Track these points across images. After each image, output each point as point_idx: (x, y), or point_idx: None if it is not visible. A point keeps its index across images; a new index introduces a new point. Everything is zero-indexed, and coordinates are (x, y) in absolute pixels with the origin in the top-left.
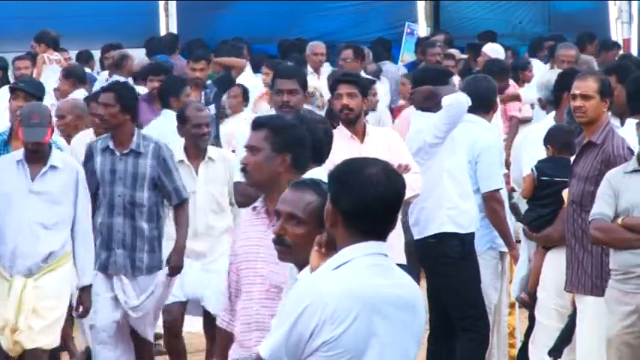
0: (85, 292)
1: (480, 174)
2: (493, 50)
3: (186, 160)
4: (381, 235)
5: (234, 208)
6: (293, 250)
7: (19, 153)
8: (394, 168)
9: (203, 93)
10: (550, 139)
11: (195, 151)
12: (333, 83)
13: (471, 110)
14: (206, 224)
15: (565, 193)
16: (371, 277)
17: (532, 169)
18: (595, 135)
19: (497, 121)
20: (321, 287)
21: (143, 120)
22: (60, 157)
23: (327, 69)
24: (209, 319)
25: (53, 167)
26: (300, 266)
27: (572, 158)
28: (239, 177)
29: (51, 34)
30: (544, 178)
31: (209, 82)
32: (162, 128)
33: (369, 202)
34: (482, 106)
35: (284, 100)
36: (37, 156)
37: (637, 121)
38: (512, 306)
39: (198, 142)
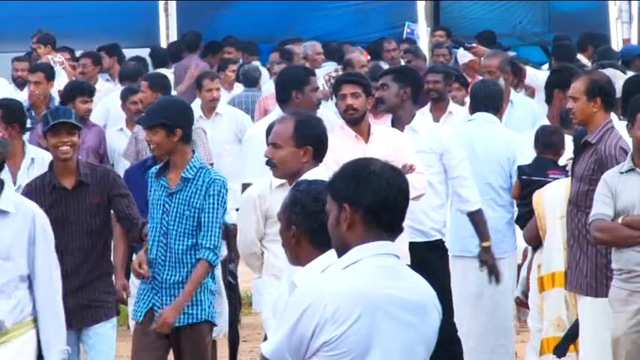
0: None
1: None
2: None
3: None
4: (397, 232)
5: None
6: (284, 250)
7: None
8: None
9: None
10: (535, 139)
11: None
12: (336, 83)
13: (484, 109)
14: None
15: (535, 195)
16: (378, 279)
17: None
18: (591, 135)
19: None
20: (324, 287)
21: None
22: (11, 197)
23: (327, 69)
24: None
25: (2, 212)
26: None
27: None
28: None
29: (51, 34)
30: (523, 177)
31: None
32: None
33: (389, 193)
34: (493, 106)
35: None
36: None
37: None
38: None
39: None
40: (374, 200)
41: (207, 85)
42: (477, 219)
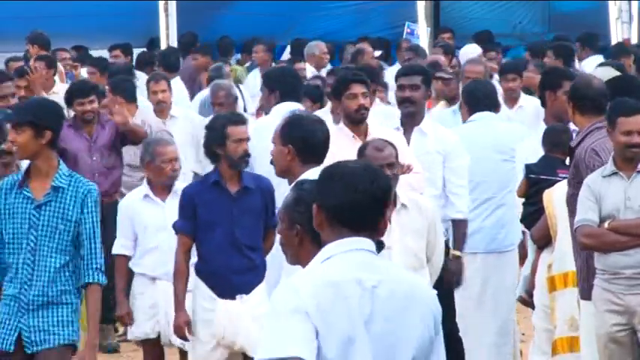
0: None
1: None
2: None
3: None
4: (369, 231)
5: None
6: (284, 250)
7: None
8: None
9: None
10: (543, 138)
11: None
12: (344, 83)
13: (485, 109)
14: None
15: (545, 194)
16: (353, 271)
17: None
18: (575, 139)
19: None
20: (300, 286)
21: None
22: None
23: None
24: None
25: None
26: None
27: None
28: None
29: (43, 34)
30: (531, 176)
31: None
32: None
33: (352, 195)
34: (492, 105)
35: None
36: None
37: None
38: None
39: None
40: (337, 202)
41: (152, 87)
42: (459, 228)
